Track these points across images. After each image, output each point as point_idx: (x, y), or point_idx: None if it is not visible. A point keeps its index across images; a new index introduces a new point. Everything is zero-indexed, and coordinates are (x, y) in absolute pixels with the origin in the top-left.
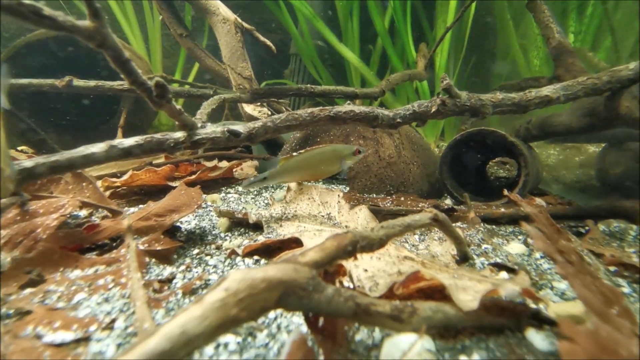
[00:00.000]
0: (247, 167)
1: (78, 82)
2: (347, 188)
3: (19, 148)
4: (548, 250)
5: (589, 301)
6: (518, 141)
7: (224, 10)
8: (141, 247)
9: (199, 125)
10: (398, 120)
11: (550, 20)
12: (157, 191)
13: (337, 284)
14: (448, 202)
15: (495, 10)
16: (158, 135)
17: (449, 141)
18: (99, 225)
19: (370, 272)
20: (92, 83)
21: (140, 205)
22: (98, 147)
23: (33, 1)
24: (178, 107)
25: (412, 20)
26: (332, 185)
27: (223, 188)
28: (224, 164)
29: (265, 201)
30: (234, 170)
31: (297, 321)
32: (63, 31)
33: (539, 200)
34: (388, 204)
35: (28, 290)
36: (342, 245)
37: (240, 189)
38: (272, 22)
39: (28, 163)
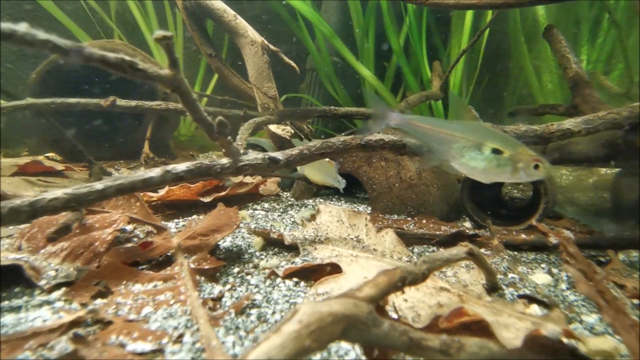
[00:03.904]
0: (270, 183)
1: (120, 102)
2: (370, 208)
3: (48, 154)
4: (592, 295)
5: (633, 349)
6: None
7: (252, 33)
8: (192, 266)
9: (242, 152)
10: (425, 149)
11: (567, 50)
12: (187, 206)
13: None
14: (467, 224)
15: (510, 32)
16: (207, 162)
17: None
18: (152, 243)
19: (410, 302)
20: (132, 103)
21: (175, 220)
22: (155, 172)
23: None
24: (229, 138)
25: (426, 39)
26: (355, 205)
27: (249, 204)
28: (248, 179)
29: (292, 219)
30: (259, 186)
31: (345, 346)
32: (148, 79)
33: (567, 233)
34: (411, 227)
35: (101, 301)
36: (393, 281)
37: (266, 205)
38: (287, 36)
39: (99, 186)
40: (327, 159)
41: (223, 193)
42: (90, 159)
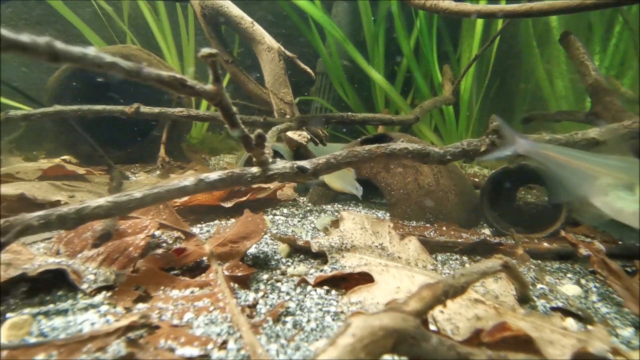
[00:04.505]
0: (287, 188)
1: (144, 109)
2: (388, 214)
3: (63, 157)
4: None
5: None
6: None
7: (269, 40)
8: (226, 273)
9: (270, 161)
10: (448, 157)
11: (585, 57)
12: (208, 211)
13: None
14: (486, 231)
15: (521, 35)
16: (237, 170)
17: (490, 174)
18: (186, 249)
19: (446, 314)
20: (156, 110)
21: (199, 225)
22: (189, 181)
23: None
24: (263, 150)
25: (436, 42)
26: (373, 211)
27: (268, 209)
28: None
29: (312, 225)
30: (277, 191)
31: (386, 358)
32: (195, 95)
33: (597, 244)
34: (431, 233)
35: (143, 306)
36: (437, 295)
37: (285, 210)
38: (294, 39)
39: (138, 194)
40: None
41: (244, 198)
42: (110, 163)
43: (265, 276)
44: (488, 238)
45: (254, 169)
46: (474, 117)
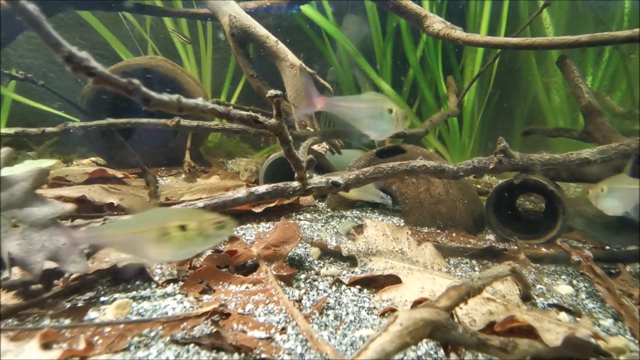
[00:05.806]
0: None
1: (183, 122)
2: (402, 221)
3: (92, 159)
4: (616, 308)
5: None
6: (557, 190)
7: (292, 57)
8: (273, 272)
9: (307, 176)
10: (461, 173)
11: (580, 80)
12: (238, 215)
13: None
14: (490, 237)
15: (521, 52)
16: (281, 185)
17: (496, 185)
18: (237, 252)
19: (464, 309)
20: (194, 123)
21: (233, 228)
22: (242, 193)
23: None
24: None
25: (441, 54)
26: (388, 217)
27: (292, 214)
28: None
29: (334, 229)
30: (300, 197)
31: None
32: (262, 128)
33: (587, 252)
34: (443, 239)
35: (210, 297)
36: (461, 295)
37: (308, 216)
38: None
39: (200, 204)
40: None
41: (272, 205)
42: (145, 168)
43: (303, 276)
44: (494, 244)
45: (295, 184)
46: (477, 127)
